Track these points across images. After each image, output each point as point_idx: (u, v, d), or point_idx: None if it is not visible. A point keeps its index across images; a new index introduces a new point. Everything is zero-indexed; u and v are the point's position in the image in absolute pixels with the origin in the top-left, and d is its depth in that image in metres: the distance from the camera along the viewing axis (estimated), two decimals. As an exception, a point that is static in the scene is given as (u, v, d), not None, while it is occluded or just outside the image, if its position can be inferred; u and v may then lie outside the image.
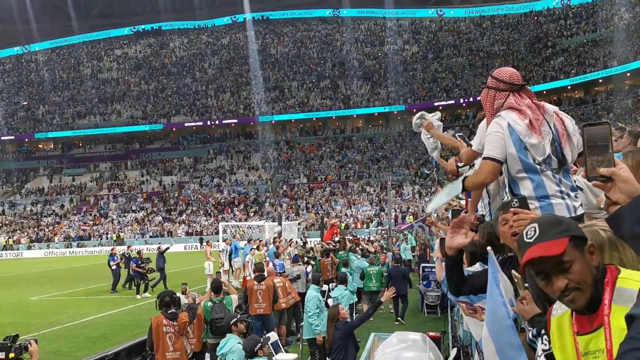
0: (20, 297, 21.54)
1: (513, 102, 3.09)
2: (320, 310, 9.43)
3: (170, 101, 74.54)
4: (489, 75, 3.31)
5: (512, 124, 2.99)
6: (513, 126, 2.99)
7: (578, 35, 61.94)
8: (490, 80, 3.26)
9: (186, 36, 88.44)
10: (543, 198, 2.92)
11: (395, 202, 50.70)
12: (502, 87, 3.18)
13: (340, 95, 69.21)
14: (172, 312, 7.45)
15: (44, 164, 72.41)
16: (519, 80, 3.20)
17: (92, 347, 12.15)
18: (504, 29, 71.55)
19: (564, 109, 55.96)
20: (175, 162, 68.50)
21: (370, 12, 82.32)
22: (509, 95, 3.14)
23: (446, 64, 68.60)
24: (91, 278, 26.89)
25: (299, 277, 13.09)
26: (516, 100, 3.10)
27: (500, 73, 3.24)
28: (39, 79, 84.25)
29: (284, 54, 79.63)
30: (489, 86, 3.25)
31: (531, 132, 2.97)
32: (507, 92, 3.15)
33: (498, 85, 3.20)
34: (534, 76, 59.13)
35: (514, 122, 3.00)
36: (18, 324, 15.41)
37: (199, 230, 53.56)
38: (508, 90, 3.16)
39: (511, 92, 3.15)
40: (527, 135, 2.96)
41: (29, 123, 75.12)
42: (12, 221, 61.24)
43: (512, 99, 3.11)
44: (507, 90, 3.16)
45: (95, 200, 63.86)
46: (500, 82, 3.19)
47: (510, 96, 3.13)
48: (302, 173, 62.01)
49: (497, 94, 3.19)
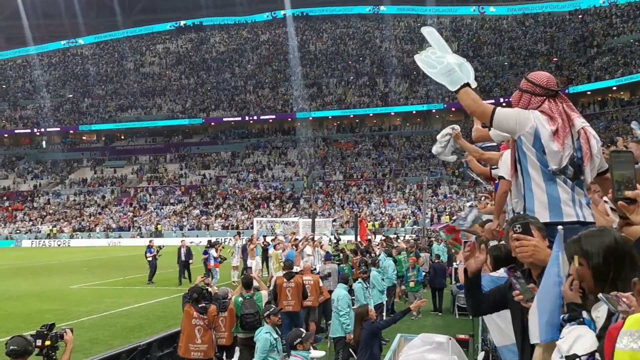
0: (61, 285, 22.21)
1: (547, 108, 3.04)
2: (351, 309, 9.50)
3: (209, 96, 75.54)
4: (524, 78, 3.23)
5: (539, 126, 2.98)
6: (539, 129, 2.97)
7: (625, 34, 60.14)
8: (526, 83, 3.17)
9: (226, 32, 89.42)
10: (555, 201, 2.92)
11: (431, 202, 50.31)
12: (538, 92, 3.11)
13: (378, 93, 68.94)
14: (202, 306, 7.64)
15: (87, 155, 74.34)
16: (555, 85, 3.14)
17: (128, 336, 12.48)
18: (547, 27, 70.04)
19: (609, 110, 54.77)
20: (213, 156, 69.39)
21: (410, 9, 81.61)
22: (545, 101, 3.08)
23: (487, 63, 67.57)
24: (129, 268, 27.56)
25: (329, 274, 13.15)
26: (550, 106, 3.05)
27: (536, 77, 3.16)
28: (84, 73, 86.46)
29: (322, 51, 79.73)
30: (524, 90, 3.17)
31: (555, 139, 2.95)
32: (543, 97, 3.10)
33: (534, 90, 3.12)
34: (578, 76, 57.79)
35: (541, 125, 2.98)
36: (58, 311, 15.93)
37: (235, 224, 54.19)
38: (544, 95, 3.10)
39: (547, 98, 3.10)
40: (548, 142, 2.95)
41: (73, 115, 77.23)
42: (56, 210, 63.12)
43: (546, 104, 3.06)
44: (543, 95, 3.10)
45: (135, 192, 65.27)
46: (537, 86, 3.12)
47: (545, 102, 3.08)
48: (338, 170, 62.07)
49: (532, 99, 3.12)
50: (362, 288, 10.94)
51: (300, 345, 6.70)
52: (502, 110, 3.08)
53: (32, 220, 61.62)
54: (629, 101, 55.21)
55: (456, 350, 6.32)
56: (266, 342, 7.06)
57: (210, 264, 20.37)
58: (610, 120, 52.80)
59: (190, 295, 7.76)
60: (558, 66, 61.04)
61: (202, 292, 7.77)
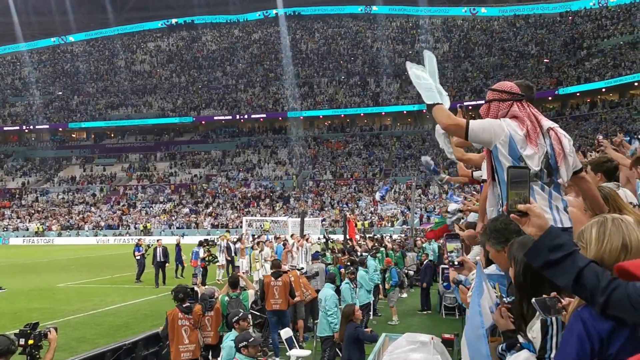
0: (48, 283, 22.12)
1: (517, 110, 3.14)
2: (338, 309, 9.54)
3: (200, 94, 75.34)
4: (489, 90, 3.35)
5: (512, 133, 3.05)
6: (513, 136, 3.04)
7: (614, 36, 60.58)
8: (491, 93, 3.29)
9: (218, 30, 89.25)
10: None
11: (421, 202, 50.46)
12: (504, 97, 3.22)
13: (369, 93, 69.05)
14: (187, 305, 7.64)
15: (76, 153, 73.91)
16: (519, 90, 3.25)
17: (115, 335, 12.44)
18: (538, 29, 70.40)
19: (599, 111, 55.13)
20: (203, 155, 69.25)
21: (402, 10, 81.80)
22: (513, 105, 3.18)
23: (477, 64, 67.86)
24: (117, 267, 27.47)
25: (317, 274, 13.18)
26: (519, 109, 3.15)
27: (500, 85, 3.29)
28: (74, 70, 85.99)
29: (314, 50, 79.75)
30: (490, 99, 3.28)
31: (527, 142, 3.02)
32: (510, 102, 3.20)
33: (501, 96, 3.24)
34: (567, 77, 58.11)
35: (514, 131, 3.05)
36: (45, 310, 15.87)
37: (225, 223, 54.09)
38: (511, 100, 3.20)
39: (514, 102, 3.19)
40: (523, 147, 3.02)
41: (63, 113, 76.75)
42: (45, 208, 62.73)
43: (515, 107, 3.17)
44: (509, 100, 3.20)
45: (124, 191, 64.98)
46: (502, 92, 3.24)
47: (514, 105, 3.18)
48: (328, 169, 62.12)
49: (500, 105, 3.22)
50: (349, 288, 10.99)
51: (245, 350, 6.27)
52: (476, 122, 3.14)
53: (20, 217, 61.20)
54: (618, 103, 55.60)
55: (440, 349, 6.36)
56: (231, 350, 6.77)
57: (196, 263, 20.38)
58: (599, 121, 53.14)
59: (175, 296, 7.76)
60: (548, 68, 61.38)
61: (187, 292, 7.77)
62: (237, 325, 7.14)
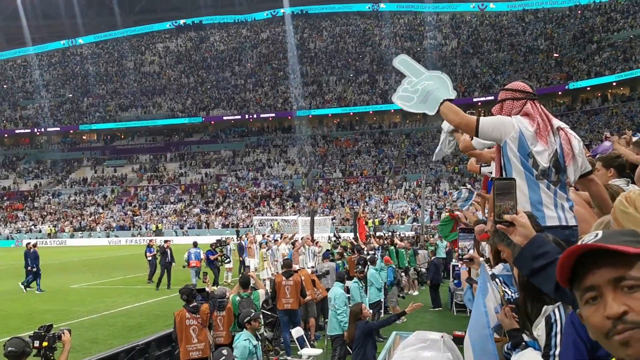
0: (61, 284, 22.29)
1: (529, 108, 3.16)
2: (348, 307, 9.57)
3: (209, 94, 75.60)
4: (501, 90, 3.36)
5: (523, 129, 3.06)
6: (523, 132, 3.06)
7: (624, 30, 60.08)
8: (504, 93, 3.30)
9: (226, 30, 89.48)
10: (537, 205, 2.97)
11: (431, 199, 50.34)
12: (518, 96, 3.23)
13: (377, 90, 68.94)
14: (194, 305, 7.70)
15: (87, 155, 74.43)
16: (531, 90, 3.27)
17: (128, 336, 12.52)
18: (547, 24, 69.98)
19: (609, 105, 54.72)
20: (213, 155, 69.46)
21: (410, 7, 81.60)
22: (526, 103, 3.20)
23: (486, 59, 67.55)
24: (129, 268, 27.63)
25: (327, 272, 13.22)
26: (531, 107, 3.17)
27: (513, 85, 3.30)
28: (83, 72, 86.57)
29: (322, 49, 79.76)
30: (504, 99, 3.28)
31: (538, 138, 3.04)
32: (524, 100, 3.21)
33: (514, 95, 3.25)
34: (578, 72, 57.74)
35: (524, 128, 3.07)
36: (58, 311, 16.00)
37: (236, 222, 54.26)
38: (525, 99, 3.22)
39: (527, 100, 3.21)
40: (533, 143, 3.03)
41: (73, 115, 77.31)
42: (57, 210, 63.22)
43: (528, 105, 3.18)
44: (523, 98, 3.22)
45: (135, 191, 65.35)
46: (516, 91, 3.25)
47: (527, 103, 3.20)
48: (338, 168, 62.11)
49: (514, 103, 3.24)
50: (358, 287, 11.01)
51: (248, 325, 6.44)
52: (486, 119, 3.15)
53: (33, 220, 61.73)
54: (629, 97, 55.19)
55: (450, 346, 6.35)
56: (244, 349, 6.87)
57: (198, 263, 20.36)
58: (610, 115, 52.78)
59: (181, 296, 7.84)
60: (558, 62, 61.00)
61: (191, 293, 7.82)
62: (248, 325, 7.20)
